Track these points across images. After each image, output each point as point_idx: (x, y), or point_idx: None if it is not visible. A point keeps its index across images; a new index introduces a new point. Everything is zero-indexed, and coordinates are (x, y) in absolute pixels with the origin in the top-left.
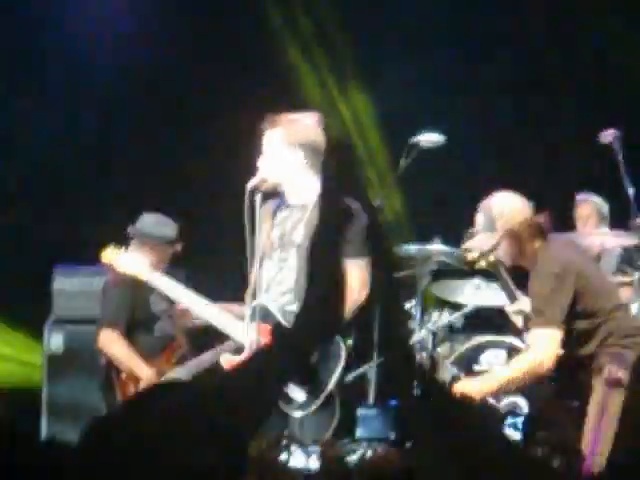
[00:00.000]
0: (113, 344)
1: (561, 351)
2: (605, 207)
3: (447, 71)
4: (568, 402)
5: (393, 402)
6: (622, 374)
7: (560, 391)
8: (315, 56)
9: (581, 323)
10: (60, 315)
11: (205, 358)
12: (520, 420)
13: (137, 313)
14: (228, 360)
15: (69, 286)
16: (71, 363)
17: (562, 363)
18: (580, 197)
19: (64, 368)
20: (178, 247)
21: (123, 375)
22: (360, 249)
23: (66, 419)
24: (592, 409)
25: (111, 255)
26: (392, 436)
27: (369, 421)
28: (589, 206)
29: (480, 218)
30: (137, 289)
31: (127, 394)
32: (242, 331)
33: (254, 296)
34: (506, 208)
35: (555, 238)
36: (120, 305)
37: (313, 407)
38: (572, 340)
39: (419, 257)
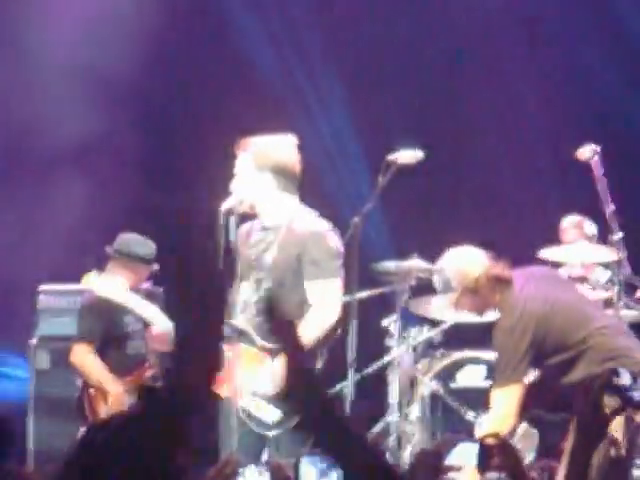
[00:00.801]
0: (85, 358)
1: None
2: (591, 227)
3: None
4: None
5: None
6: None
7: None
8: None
9: (557, 357)
10: (45, 332)
11: None
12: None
13: (111, 331)
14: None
15: (53, 304)
16: (57, 379)
17: (553, 396)
18: (567, 219)
19: (50, 384)
20: (155, 266)
21: (92, 391)
22: (326, 269)
23: (53, 432)
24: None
25: (91, 279)
26: None
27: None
28: (576, 228)
29: (436, 281)
30: (112, 308)
31: (95, 409)
32: None
33: (231, 316)
34: (459, 266)
35: (519, 282)
36: (94, 323)
37: (287, 426)
38: (556, 373)
39: (398, 273)
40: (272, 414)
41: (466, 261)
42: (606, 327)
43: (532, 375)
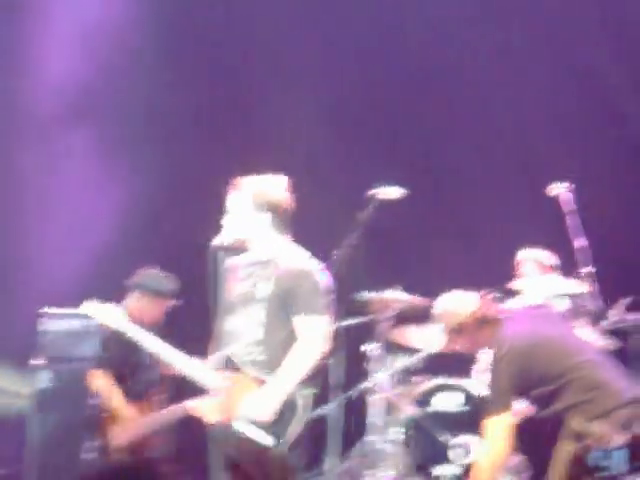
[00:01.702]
0: (105, 386)
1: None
2: (547, 257)
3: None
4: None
5: None
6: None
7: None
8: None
9: (541, 389)
10: (46, 354)
11: (178, 409)
12: None
13: (128, 359)
14: (192, 406)
15: (55, 326)
16: (57, 399)
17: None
18: (520, 253)
19: (51, 404)
20: (175, 301)
21: (105, 414)
22: (312, 306)
23: (52, 450)
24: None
25: (92, 308)
26: None
27: None
28: (534, 262)
29: (435, 319)
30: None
31: (104, 432)
32: (210, 378)
33: (221, 347)
34: (446, 310)
35: (510, 321)
36: (116, 352)
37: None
38: (540, 404)
39: (378, 304)
40: (265, 439)
41: (454, 305)
42: (586, 362)
43: (520, 404)
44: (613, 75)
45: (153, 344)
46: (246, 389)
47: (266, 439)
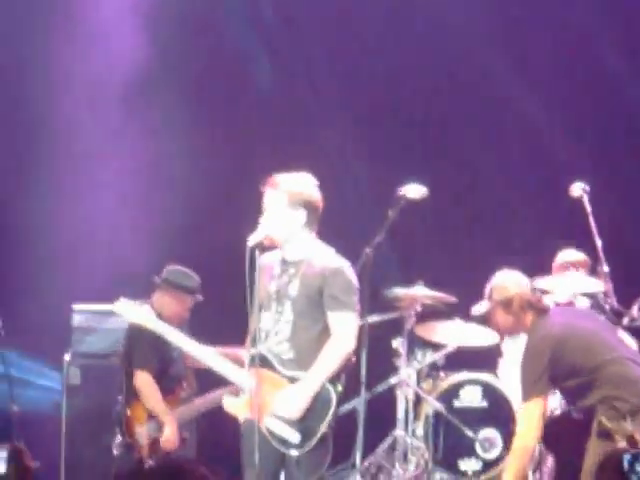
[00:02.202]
0: (148, 387)
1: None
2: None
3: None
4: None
5: None
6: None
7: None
8: None
9: (572, 381)
10: (77, 350)
11: (207, 399)
12: None
13: (160, 355)
14: (230, 403)
15: (86, 323)
16: (87, 394)
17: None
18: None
19: (81, 399)
20: (199, 297)
21: (128, 411)
22: (345, 303)
23: (84, 446)
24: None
25: (123, 307)
26: None
27: None
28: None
29: (487, 289)
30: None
31: (131, 429)
32: (240, 376)
33: (253, 344)
34: (500, 282)
35: (552, 314)
36: (149, 349)
37: (307, 448)
38: (571, 397)
39: (405, 300)
40: (293, 436)
41: (508, 280)
42: (618, 358)
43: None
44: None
45: (183, 342)
46: (276, 386)
47: (294, 436)
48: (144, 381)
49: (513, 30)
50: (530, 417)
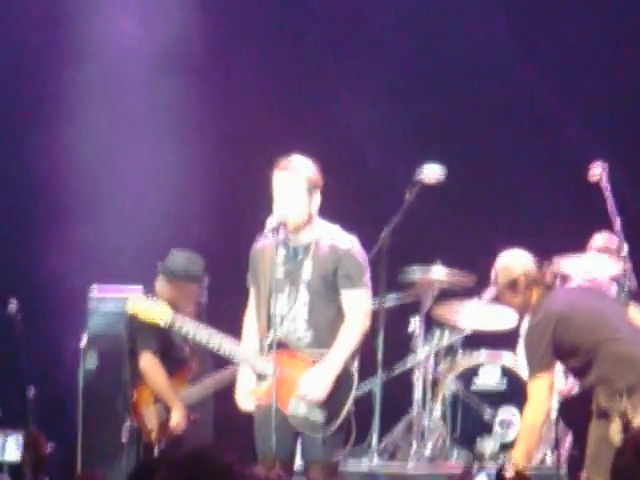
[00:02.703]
0: (154, 369)
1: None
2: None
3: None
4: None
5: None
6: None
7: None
8: None
9: (573, 361)
10: (94, 333)
11: (214, 380)
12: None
13: (160, 337)
14: (254, 390)
15: (103, 306)
16: (104, 377)
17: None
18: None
19: (97, 383)
20: (205, 283)
21: (135, 394)
22: (359, 281)
23: (101, 429)
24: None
25: (136, 305)
26: None
27: None
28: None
29: (492, 274)
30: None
31: (137, 412)
32: (262, 362)
33: (269, 329)
34: (504, 263)
35: (558, 291)
36: (152, 329)
37: (333, 428)
38: (576, 375)
39: (422, 282)
40: (319, 417)
41: (511, 261)
42: (618, 336)
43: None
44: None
45: (203, 333)
46: (298, 370)
47: (320, 417)
48: (149, 363)
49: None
50: (537, 393)
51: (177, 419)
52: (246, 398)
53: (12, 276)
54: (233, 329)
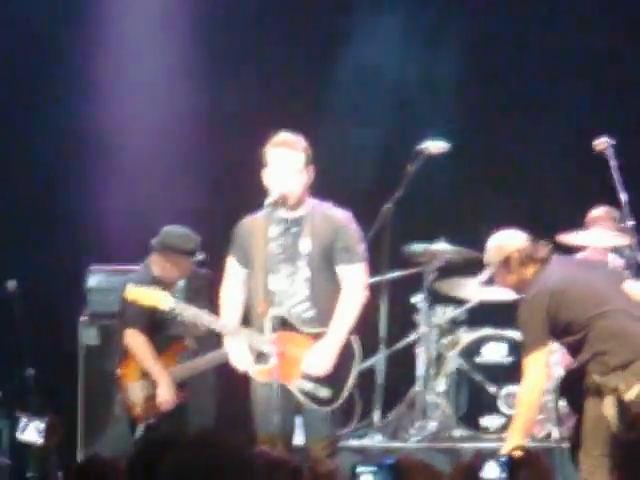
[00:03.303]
0: (139, 345)
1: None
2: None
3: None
4: None
5: (389, 459)
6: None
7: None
8: None
9: (568, 338)
10: (94, 310)
11: (208, 358)
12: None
13: (153, 315)
14: (258, 370)
15: (102, 283)
16: (104, 355)
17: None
18: (602, 210)
19: (98, 359)
20: (199, 257)
21: (119, 371)
22: (356, 254)
23: (101, 405)
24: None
25: (135, 292)
26: None
27: (370, 477)
28: (611, 220)
29: (485, 256)
30: None
31: (123, 388)
32: (264, 342)
33: (268, 308)
34: (496, 244)
35: (552, 265)
36: (141, 309)
37: (339, 402)
38: (571, 353)
39: (426, 255)
40: (324, 392)
41: (502, 240)
42: (612, 311)
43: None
44: None
45: (205, 318)
46: (301, 347)
47: (325, 392)
48: (134, 339)
49: None
50: (533, 369)
51: (164, 394)
52: (243, 359)
53: (11, 257)
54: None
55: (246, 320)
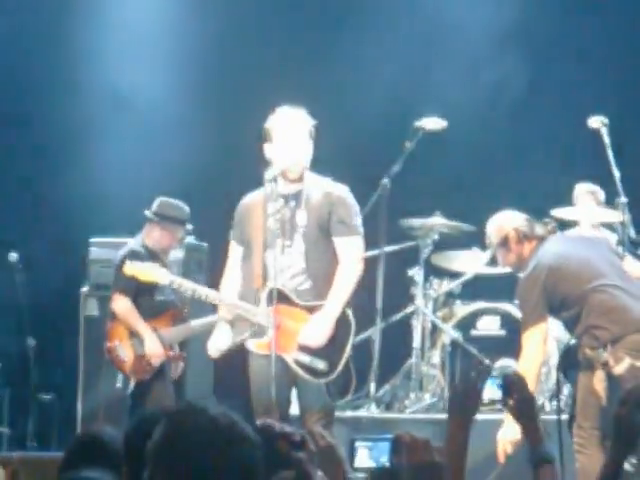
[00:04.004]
0: (125, 308)
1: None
2: (602, 194)
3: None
4: None
5: (387, 435)
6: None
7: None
8: None
9: (564, 313)
10: (94, 282)
11: (200, 322)
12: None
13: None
14: (255, 343)
15: (103, 256)
16: (104, 326)
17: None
18: (582, 186)
19: (98, 330)
20: (189, 228)
21: (109, 331)
22: (353, 227)
23: (100, 375)
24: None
25: (133, 268)
26: (387, 464)
27: (366, 451)
28: (590, 195)
29: (486, 238)
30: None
31: (108, 349)
32: (260, 315)
33: (265, 281)
34: (494, 225)
35: (550, 242)
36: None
37: (336, 374)
38: (568, 328)
39: (422, 229)
40: (321, 364)
41: (500, 220)
42: (606, 286)
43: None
44: None
45: (201, 292)
46: (297, 319)
47: (322, 364)
48: (120, 304)
49: None
50: (531, 344)
51: (151, 348)
52: (215, 346)
53: (13, 228)
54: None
55: (242, 297)
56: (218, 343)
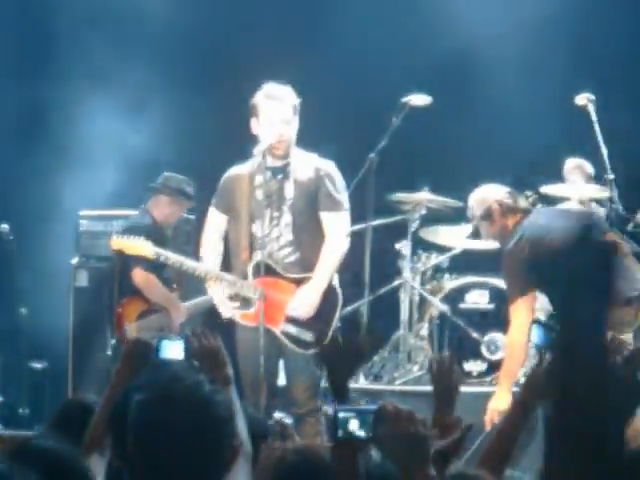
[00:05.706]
0: (148, 280)
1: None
2: (590, 168)
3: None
4: None
5: (371, 405)
6: None
7: None
8: None
9: (551, 289)
10: (85, 253)
11: (194, 302)
12: None
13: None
14: (241, 314)
15: (92, 227)
16: (93, 297)
17: None
18: (570, 161)
19: (87, 301)
20: (193, 203)
21: (119, 309)
22: (339, 203)
23: (91, 346)
24: None
25: (119, 242)
26: (369, 435)
27: (348, 422)
28: (579, 169)
29: (468, 210)
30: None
31: (120, 326)
32: (247, 287)
33: (251, 253)
34: (477, 197)
35: (533, 213)
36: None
37: (323, 344)
38: (552, 305)
39: (409, 203)
40: (308, 335)
41: (483, 193)
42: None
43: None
44: None
45: (185, 263)
46: (284, 291)
47: (309, 335)
48: (142, 277)
49: None
50: (518, 315)
51: (177, 317)
52: (227, 305)
53: (4, 199)
54: None
55: (225, 268)
56: (227, 302)
